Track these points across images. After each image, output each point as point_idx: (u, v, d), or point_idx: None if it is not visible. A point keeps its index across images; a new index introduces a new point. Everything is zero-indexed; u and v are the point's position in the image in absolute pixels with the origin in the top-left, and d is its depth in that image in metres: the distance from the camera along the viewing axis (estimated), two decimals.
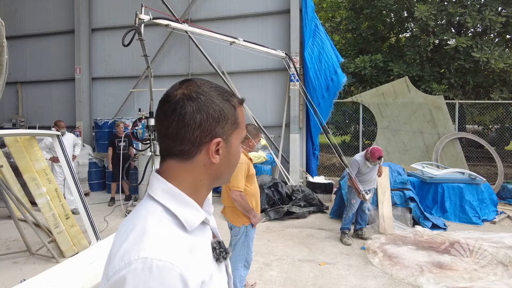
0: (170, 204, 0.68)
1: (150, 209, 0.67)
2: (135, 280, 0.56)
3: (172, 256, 0.59)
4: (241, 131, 0.77)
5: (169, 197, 0.69)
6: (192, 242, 0.67)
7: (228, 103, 0.74)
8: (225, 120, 0.72)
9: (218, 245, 0.75)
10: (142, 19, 5.18)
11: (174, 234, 0.64)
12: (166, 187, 0.70)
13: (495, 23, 8.88)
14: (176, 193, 0.69)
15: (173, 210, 0.67)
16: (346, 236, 4.66)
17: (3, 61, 3.00)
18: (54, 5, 9.38)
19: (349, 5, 12.23)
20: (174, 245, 0.62)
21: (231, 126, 0.74)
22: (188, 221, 0.67)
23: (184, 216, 0.67)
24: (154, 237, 0.61)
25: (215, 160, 0.71)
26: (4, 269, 3.68)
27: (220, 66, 8.16)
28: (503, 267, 3.81)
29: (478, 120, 10.39)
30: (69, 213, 4.24)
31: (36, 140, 4.24)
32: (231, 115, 0.74)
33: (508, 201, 6.82)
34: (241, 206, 2.78)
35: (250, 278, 3.48)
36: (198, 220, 0.69)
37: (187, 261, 0.62)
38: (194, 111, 0.69)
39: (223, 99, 0.73)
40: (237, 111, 0.76)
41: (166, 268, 0.57)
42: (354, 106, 9.48)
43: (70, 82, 9.19)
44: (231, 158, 0.76)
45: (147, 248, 0.59)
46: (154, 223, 0.64)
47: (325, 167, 9.81)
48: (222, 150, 0.73)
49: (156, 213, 0.66)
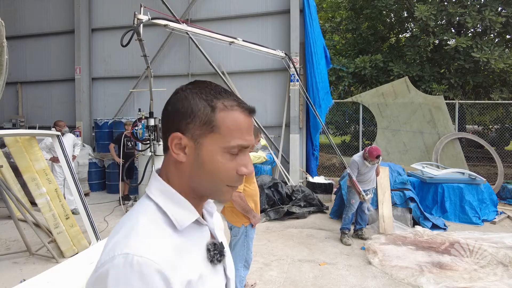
0: (163, 202, 0.69)
1: (144, 207, 0.69)
2: (116, 275, 0.58)
3: (154, 253, 0.60)
4: (222, 138, 0.68)
5: (163, 196, 0.70)
6: (181, 241, 0.67)
7: (205, 102, 0.69)
8: (191, 117, 0.68)
9: (213, 247, 0.73)
10: (141, 19, 5.18)
11: (162, 232, 0.65)
12: (161, 186, 0.72)
13: (495, 23, 8.88)
14: (170, 192, 0.71)
15: (165, 209, 0.68)
16: (346, 236, 4.67)
17: (3, 61, 3.00)
18: (54, 5, 9.38)
19: (349, 5, 12.24)
20: (158, 243, 0.63)
21: (200, 127, 0.68)
22: (178, 220, 0.68)
23: (175, 215, 0.68)
24: (140, 234, 0.63)
25: (176, 156, 0.69)
26: (4, 269, 3.68)
27: (220, 66, 8.16)
28: (503, 267, 3.81)
29: (478, 120, 10.40)
30: (69, 213, 4.24)
31: (36, 140, 4.23)
32: (203, 115, 0.68)
33: (508, 201, 6.82)
34: (240, 206, 2.78)
35: (250, 278, 3.48)
36: (189, 220, 0.70)
37: (172, 259, 0.62)
38: (170, 104, 0.71)
39: (201, 98, 0.69)
40: (217, 114, 0.68)
41: (146, 264, 0.58)
42: (354, 106, 9.49)
43: (70, 82, 9.19)
44: (204, 165, 0.69)
45: (131, 245, 0.61)
46: (144, 221, 0.65)
47: (325, 167, 9.81)
48: (188, 150, 0.69)
49: (148, 211, 0.68)
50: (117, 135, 6.78)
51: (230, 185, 0.71)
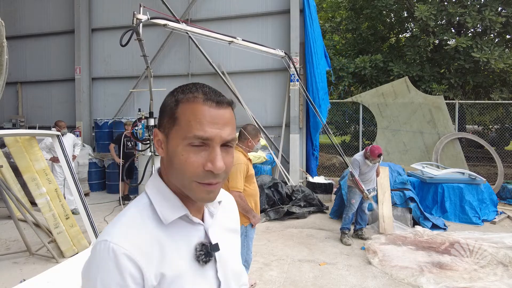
0: (154, 197, 0.73)
1: (138, 200, 0.75)
2: (94, 258, 0.65)
3: (128, 242, 0.65)
4: (181, 130, 0.68)
5: (156, 191, 0.74)
6: (165, 235, 0.70)
7: (172, 97, 0.72)
8: (164, 113, 0.72)
9: (200, 247, 0.73)
10: (140, 19, 5.18)
11: (145, 224, 0.69)
12: (155, 181, 0.76)
13: (495, 23, 8.88)
14: (162, 187, 0.74)
15: (154, 203, 0.72)
16: (346, 236, 4.67)
17: (3, 61, 3.00)
18: (54, 5, 9.38)
19: (349, 5, 12.24)
20: (137, 233, 0.67)
21: (168, 121, 0.71)
22: (164, 215, 0.71)
23: (161, 210, 0.71)
24: (123, 224, 0.68)
25: (158, 151, 0.75)
26: (4, 269, 3.68)
27: (220, 66, 8.16)
28: (503, 267, 3.81)
29: (478, 120, 10.40)
30: (69, 213, 4.24)
31: (36, 140, 4.23)
32: (169, 109, 0.71)
33: (508, 201, 6.82)
34: (240, 206, 2.78)
35: (250, 278, 3.48)
36: (174, 215, 0.71)
37: (147, 250, 0.66)
38: None
39: (173, 94, 0.73)
40: (179, 106, 0.70)
41: (119, 252, 0.63)
42: (354, 106, 9.49)
43: (70, 82, 9.19)
44: (171, 158, 0.70)
45: (112, 233, 0.66)
46: (131, 213, 0.71)
47: (325, 167, 9.81)
48: (163, 145, 0.73)
49: (139, 204, 0.73)
50: (117, 135, 6.78)
51: (198, 181, 0.68)
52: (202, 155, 0.68)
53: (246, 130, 2.98)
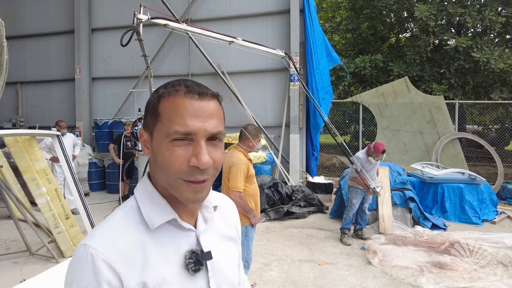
0: (142, 201, 0.70)
1: (125, 204, 0.71)
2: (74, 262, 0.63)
3: (108, 247, 0.62)
4: (163, 126, 0.65)
5: (144, 194, 0.71)
6: (150, 240, 0.66)
7: (156, 93, 0.69)
8: (148, 111, 0.70)
9: (190, 255, 0.69)
10: (140, 19, 5.18)
11: (129, 228, 0.66)
12: (144, 183, 0.73)
13: (495, 23, 8.88)
14: (150, 190, 0.71)
15: (141, 206, 0.69)
16: (346, 236, 4.67)
17: (3, 61, 3.00)
18: (54, 5, 9.38)
19: (349, 5, 12.23)
20: (118, 238, 0.64)
21: (153, 119, 0.67)
22: (150, 219, 0.67)
23: (148, 214, 0.68)
24: (105, 229, 0.66)
25: (144, 152, 0.72)
26: (4, 269, 3.68)
27: (220, 66, 8.16)
28: (503, 267, 3.81)
29: (478, 120, 10.40)
30: (69, 213, 4.24)
31: (36, 140, 4.23)
32: (152, 106, 0.68)
33: (508, 201, 6.82)
34: (240, 206, 2.78)
35: (250, 278, 3.48)
36: (161, 220, 0.68)
37: (128, 256, 0.63)
38: None
39: (156, 91, 0.70)
40: (160, 101, 0.67)
41: (97, 258, 0.61)
42: (354, 106, 9.48)
43: (70, 82, 9.19)
44: (156, 157, 0.67)
45: (93, 237, 0.64)
46: (117, 217, 0.68)
47: (325, 167, 9.81)
48: (149, 144, 0.70)
49: (126, 208, 0.70)
50: (117, 135, 6.78)
51: (184, 178, 0.65)
52: (186, 151, 0.65)
53: (246, 130, 2.98)
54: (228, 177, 2.84)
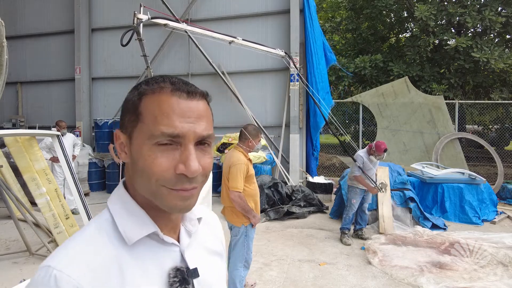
0: (117, 213, 0.61)
1: (98, 217, 0.62)
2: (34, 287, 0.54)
3: (76, 270, 0.53)
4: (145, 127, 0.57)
5: (120, 206, 0.62)
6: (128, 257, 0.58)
7: (136, 90, 0.61)
8: (127, 111, 0.61)
9: (175, 273, 0.61)
10: (140, 18, 5.19)
11: (102, 245, 0.57)
12: (120, 193, 0.64)
13: (495, 23, 8.88)
14: (126, 199, 0.62)
15: (116, 218, 0.60)
16: (346, 236, 4.67)
17: (3, 61, 3.00)
18: (54, 5, 9.38)
19: (349, 5, 12.23)
20: (91, 257, 0.55)
21: (130, 119, 0.60)
22: (127, 234, 0.59)
23: (124, 228, 0.59)
24: (74, 246, 0.57)
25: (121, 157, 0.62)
26: (4, 269, 3.68)
27: (220, 66, 8.16)
28: (503, 267, 3.81)
29: (478, 120, 10.40)
30: (69, 213, 4.24)
31: (36, 140, 4.23)
32: (131, 105, 0.60)
33: (508, 201, 6.82)
34: (240, 206, 2.78)
35: (250, 278, 3.48)
36: (139, 234, 0.59)
37: (104, 279, 0.55)
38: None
39: (135, 87, 0.62)
40: (142, 99, 0.59)
41: (63, 280, 0.52)
42: (354, 106, 9.48)
43: (70, 82, 9.19)
44: (135, 162, 0.59)
45: (58, 257, 0.55)
46: (88, 232, 0.59)
47: (325, 167, 9.81)
48: (126, 148, 0.61)
49: (98, 221, 0.61)
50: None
51: (169, 187, 0.57)
52: (172, 156, 0.57)
53: (246, 130, 2.98)
54: (228, 177, 2.84)
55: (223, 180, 2.93)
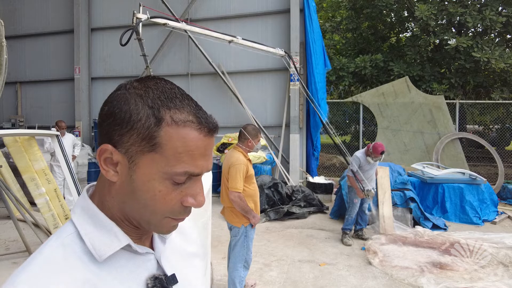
0: (83, 226, 0.55)
1: (60, 231, 0.56)
2: None
3: None
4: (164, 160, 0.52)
5: (85, 217, 0.56)
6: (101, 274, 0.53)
7: (150, 110, 0.52)
8: (127, 127, 0.52)
9: (153, 282, 0.58)
10: (140, 18, 5.17)
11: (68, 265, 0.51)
12: (85, 204, 0.57)
13: (496, 23, 8.86)
14: (93, 212, 0.56)
15: (82, 232, 0.54)
16: (347, 237, 4.64)
17: (3, 61, 2.99)
18: (54, 5, 9.37)
19: (349, 5, 12.21)
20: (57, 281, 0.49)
21: (139, 143, 0.52)
22: (96, 249, 0.53)
23: (93, 242, 0.54)
24: (35, 268, 0.50)
25: (105, 173, 0.54)
26: (3, 270, 3.67)
27: (220, 66, 8.15)
28: (504, 268, 3.80)
29: (479, 120, 10.38)
30: (68, 213, 4.22)
31: (35, 140, 4.22)
32: (143, 128, 0.52)
33: (509, 201, 6.81)
34: (240, 207, 2.77)
35: (250, 278, 3.47)
36: (112, 248, 0.54)
37: None
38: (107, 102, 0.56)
39: (146, 104, 0.53)
40: (162, 129, 0.52)
41: None
42: (354, 106, 9.47)
43: (69, 82, 9.19)
44: (136, 191, 0.54)
45: (20, 280, 0.48)
46: (50, 251, 0.52)
47: (325, 167, 9.79)
48: (121, 169, 0.54)
49: (61, 236, 0.54)
50: None
51: (172, 217, 0.56)
52: (181, 190, 0.55)
53: (246, 130, 2.96)
54: (227, 177, 2.82)
55: (223, 180, 2.92)
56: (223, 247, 4.19)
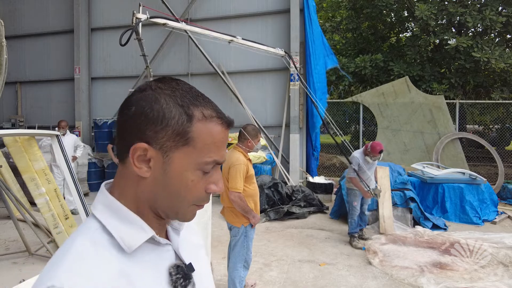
0: (108, 220, 0.58)
1: (84, 227, 0.59)
2: None
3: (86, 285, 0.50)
4: (197, 153, 0.59)
5: (109, 213, 0.59)
6: (130, 265, 0.56)
7: (182, 109, 0.58)
8: (161, 125, 0.57)
9: (176, 270, 0.62)
10: (140, 18, 5.17)
11: (103, 257, 0.54)
12: (106, 200, 0.61)
13: (496, 23, 8.87)
14: (117, 207, 0.59)
15: (110, 228, 0.57)
16: (355, 240, 4.56)
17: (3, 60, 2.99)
18: (54, 5, 9.37)
19: (349, 5, 12.21)
20: (95, 271, 0.52)
21: (173, 138, 0.58)
22: (125, 241, 0.57)
23: (121, 235, 0.57)
24: (72, 261, 0.52)
25: (139, 171, 0.58)
26: (3, 270, 3.67)
27: (220, 66, 8.14)
28: (504, 268, 3.80)
29: (479, 120, 10.39)
30: (69, 213, 4.22)
31: (35, 140, 4.22)
32: (177, 124, 0.57)
33: (509, 201, 6.81)
34: (240, 207, 2.77)
35: (250, 278, 3.47)
36: (140, 240, 0.58)
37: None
38: (133, 103, 0.59)
39: (176, 103, 0.58)
40: (194, 124, 0.58)
41: None
42: (354, 106, 9.47)
43: (69, 82, 9.18)
44: (170, 183, 0.59)
45: (59, 275, 0.50)
46: (81, 244, 0.55)
47: (325, 167, 9.79)
48: (154, 164, 0.58)
49: (88, 232, 0.57)
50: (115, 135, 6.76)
51: (197, 204, 0.62)
52: (206, 178, 0.61)
53: (246, 130, 2.96)
54: (227, 177, 2.82)
55: (223, 180, 2.92)
56: (223, 247, 4.19)
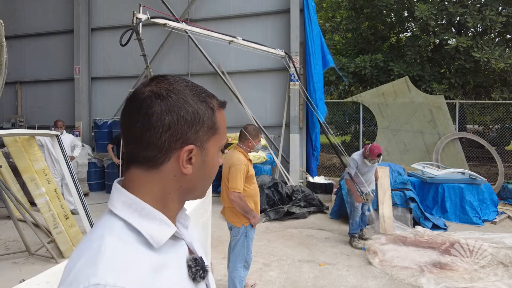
0: (132, 218, 0.59)
1: (108, 225, 0.59)
2: None
3: (129, 280, 0.52)
4: (220, 137, 0.68)
5: (131, 211, 0.60)
6: (159, 260, 0.58)
7: (205, 104, 0.64)
8: (200, 124, 0.63)
9: (194, 263, 0.65)
10: (140, 18, 5.18)
11: (135, 253, 0.56)
12: (127, 199, 0.61)
13: (496, 23, 8.87)
14: (140, 205, 0.61)
15: (136, 225, 0.58)
16: (356, 240, 4.55)
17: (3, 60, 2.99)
18: (54, 5, 9.36)
19: (349, 5, 12.21)
20: (132, 266, 0.54)
21: (207, 132, 0.64)
22: (154, 237, 0.59)
23: (149, 232, 0.59)
24: (108, 259, 0.53)
25: (186, 171, 0.62)
26: (3, 270, 3.67)
27: (220, 66, 8.14)
28: (504, 268, 3.80)
29: (479, 120, 10.39)
30: (68, 213, 4.23)
31: (35, 140, 4.22)
32: (208, 119, 0.64)
33: (509, 201, 6.81)
34: (240, 207, 2.77)
35: (250, 278, 3.47)
36: (166, 235, 0.61)
37: (150, 283, 0.55)
38: (163, 112, 0.59)
39: (199, 100, 0.64)
40: (216, 115, 0.66)
41: None
42: (354, 106, 9.47)
43: (69, 82, 9.18)
44: (206, 169, 0.67)
45: (99, 273, 0.51)
46: (110, 242, 0.55)
47: (325, 167, 9.79)
48: (195, 159, 0.63)
49: (114, 229, 0.58)
50: (115, 135, 6.76)
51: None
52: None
53: (246, 130, 2.96)
54: (227, 177, 2.82)
55: (223, 180, 2.92)
56: (223, 247, 4.19)
